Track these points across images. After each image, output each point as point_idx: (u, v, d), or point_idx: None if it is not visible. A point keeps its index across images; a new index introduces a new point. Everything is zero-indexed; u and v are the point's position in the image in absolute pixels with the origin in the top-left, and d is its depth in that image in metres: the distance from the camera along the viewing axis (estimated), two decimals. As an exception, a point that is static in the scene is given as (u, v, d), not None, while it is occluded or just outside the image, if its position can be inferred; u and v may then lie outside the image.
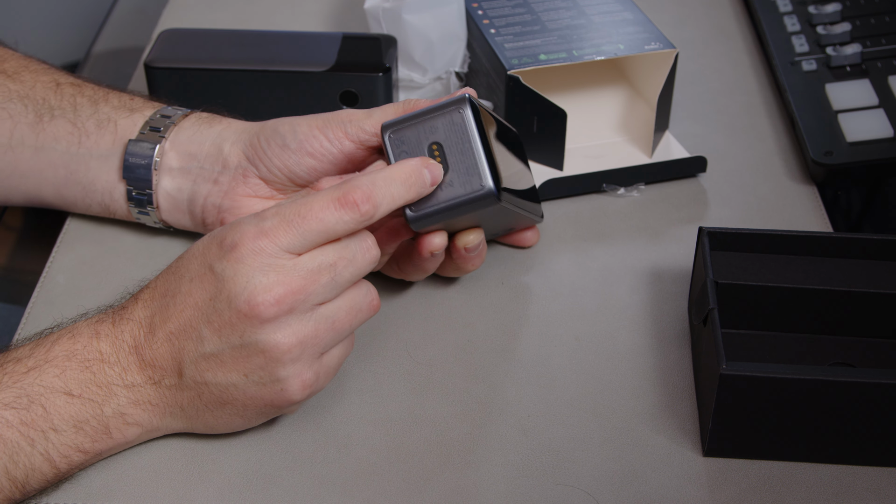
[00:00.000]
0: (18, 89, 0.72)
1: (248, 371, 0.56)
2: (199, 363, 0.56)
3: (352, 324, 0.58)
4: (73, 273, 0.72)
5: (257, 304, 0.54)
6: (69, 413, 0.56)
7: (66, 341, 0.57)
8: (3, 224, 0.80)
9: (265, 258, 0.55)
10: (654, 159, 0.80)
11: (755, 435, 0.59)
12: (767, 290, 0.64)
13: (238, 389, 0.57)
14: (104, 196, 0.72)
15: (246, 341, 0.55)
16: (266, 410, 0.58)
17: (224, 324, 0.55)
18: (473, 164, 0.61)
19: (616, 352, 0.66)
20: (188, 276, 0.57)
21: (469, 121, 0.61)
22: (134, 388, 0.57)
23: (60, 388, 0.56)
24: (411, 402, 0.63)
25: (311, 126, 0.66)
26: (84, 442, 0.56)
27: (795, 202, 0.78)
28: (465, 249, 0.66)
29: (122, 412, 0.57)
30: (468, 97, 0.62)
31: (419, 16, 0.83)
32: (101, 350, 0.57)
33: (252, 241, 0.55)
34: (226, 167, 0.68)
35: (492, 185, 0.61)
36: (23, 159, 0.71)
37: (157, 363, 0.57)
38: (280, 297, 0.55)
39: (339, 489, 0.58)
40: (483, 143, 0.61)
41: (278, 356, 0.56)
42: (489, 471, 0.59)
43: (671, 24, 0.98)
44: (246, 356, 0.56)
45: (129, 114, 0.71)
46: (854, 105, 0.81)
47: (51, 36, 1.34)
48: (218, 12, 1.00)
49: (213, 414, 0.58)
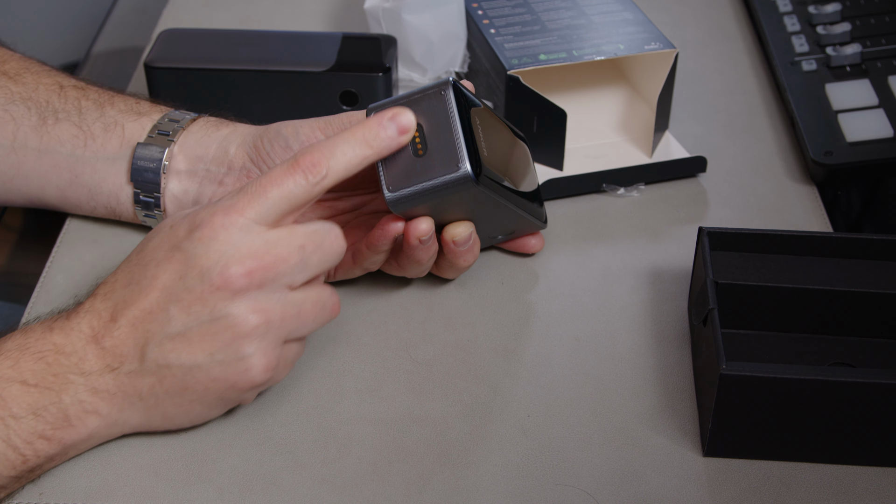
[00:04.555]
0: (21, 91, 0.72)
1: (213, 349, 0.57)
2: (165, 344, 0.57)
3: (315, 319, 0.59)
4: (73, 273, 0.72)
5: (230, 276, 0.56)
6: (26, 401, 0.56)
7: (19, 336, 0.58)
8: (3, 224, 0.80)
9: (235, 232, 0.56)
10: (654, 159, 0.80)
11: (755, 435, 0.59)
12: (767, 290, 0.64)
13: (201, 370, 0.57)
14: (110, 199, 0.72)
15: (216, 315, 0.56)
16: (226, 395, 0.59)
17: (194, 299, 0.56)
18: (452, 146, 0.60)
19: (616, 352, 0.66)
20: (154, 262, 0.58)
21: (450, 102, 0.61)
22: (91, 375, 0.57)
23: (15, 378, 0.56)
24: (411, 402, 0.63)
25: (313, 128, 0.66)
26: (45, 429, 0.56)
27: (795, 202, 0.78)
28: (454, 242, 0.66)
29: (80, 399, 0.57)
30: (452, 80, 0.62)
31: (419, 16, 0.83)
32: (55, 342, 0.57)
33: (222, 217, 0.56)
34: (231, 169, 0.69)
35: (468, 168, 0.60)
36: (26, 161, 0.71)
37: (117, 350, 0.57)
38: (252, 269, 0.56)
39: (339, 489, 0.58)
40: (464, 126, 0.61)
41: (246, 331, 0.56)
42: (489, 471, 0.59)
43: (671, 24, 0.98)
44: (213, 333, 0.56)
45: (136, 117, 0.71)
46: (854, 105, 0.81)
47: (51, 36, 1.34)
48: (218, 12, 1.00)
49: (173, 401, 0.58)
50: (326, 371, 0.65)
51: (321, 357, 0.66)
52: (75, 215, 0.75)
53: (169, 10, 1.00)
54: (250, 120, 0.72)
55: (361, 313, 0.69)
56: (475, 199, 0.63)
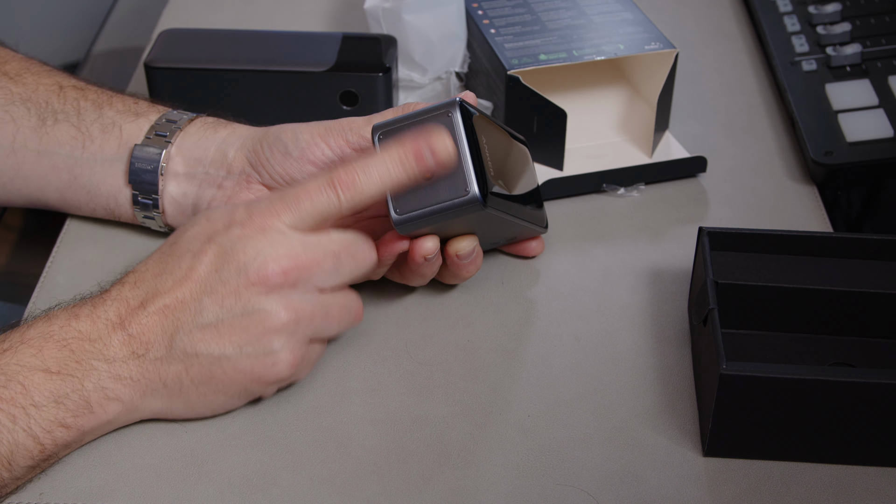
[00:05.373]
0: (21, 92, 0.72)
1: (243, 342, 0.58)
2: (194, 333, 0.58)
3: (340, 322, 0.61)
4: (74, 273, 0.72)
5: (267, 272, 0.57)
6: (49, 389, 0.56)
7: (42, 324, 0.58)
8: (4, 224, 0.80)
9: (272, 234, 0.58)
10: (654, 159, 0.80)
11: (755, 435, 0.59)
12: (767, 290, 0.64)
13: (230, 362, 0.58)
14: (109, 200, 0.72)
15: (249, 309, 0.58)
16: (250, 388, 0.60)
17: (229, 292, 0.58)
18: (460, 169, 0.61)
19: (616, 352, 0.66)
20: (189, 254, 0.59)
21: (458, 124, 0.61)
22: (115, 362, 0.58)
23: (38, 366, 0.57)
24: (411, 402, 0.63)
25: (312, 134, 0.66)
26: (66, 417, 0.57)
27: (795, 202, 0.78)
28: (458, 256, 0.66)
29: (102, 386, 0.58)
30: (459, 101, 0.62)
31: (419, 16, 0.83)
32: (80, 329, 0.58)
33: (260, 218, 0.59)
34: (230, 172, 0.69)
35: (476, 192, 0.61)
36: (26, 163, 0.71)
37: (143, 336, 0.58)
38: (287, 268, 0.58)
39: (339, 489, 0.58)
40: (471, 148, 0.61)
41: (277, 326, 0.58)
42: (489, 471, 0.59)
43: (671, 24, 0.98)
44: (244, 326, 0.58)
45: (133, 118, 0.71)
46: (854, 105, 0.81)
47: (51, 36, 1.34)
48: (218, 12, 1.00)
49: (197, 390, 0.59)
50: (326, 371, 0.65)
51: (322, 357, 0.66)
52: (75, 215, 0.75)
53: (169, 10, 1.00)
54: (249, 120, 0.72)
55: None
56: (481, 218, 0.63)
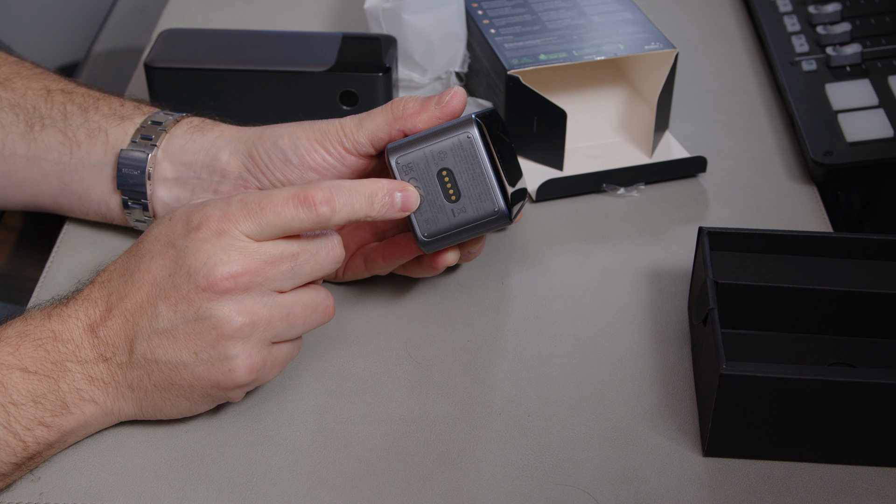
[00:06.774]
0: (9, 97, 0.71)
1: (198, 349, 0.57)
2: (152, 339, 0.58)
3: (306, 321, 0.60)
4: (73, 274, 0.72)
5: (215, 278, 0.56)
6: (26, 388, 0.57)
7: (19, 323, 0.59)
8: (3, 225, 0.80)
9: (227, 239, 0.57)
10: (654, 159, 0.80)
11: (755, 435, 0.59)
12: (767, 290, 0.64)
13: (187, 368, 0.58)
14: (100, 205, 0.72)
15: (201, 315, 0.57)
16: (212, 393, 0.59)
17: (181, 298, 0.57)
18: (485, 189, 0.62)
19: (616, 352, 0.66)
20: (148, 255, 0.59)
21: (478, 144, 0.62)
22: (87, 364, 0.58)
23: (15, 365, 0.57)
24: (411, 402, 0.63)
25: (310, 140, 0.66)
26: (44, 416, 0.57)
27: (795, 202, 0.78)
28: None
29: (77, 388, 0.58)
30: (475, 118, 0.62)
31: (419, 16, 0.83)
32: (53, 329, 0.58)
33: (216, 223, 0.57)
34: (225, 177, 0.68)
35: (504, 208, 0.62)
36: (17, 169, 0.71)
37: (109, 340, 0.58)
38: (236, 273, 0.57)
39: (338, 489, 0.58)
40: (492, 165, 0.62)
41: (230, 332, 0.57)
42: (489, 471, 0.59)
43: (671, 24, 0.98)
44: (198, 332, 0.57)
45: (119, 122, 0.70)
46: (854, 105, 0.81)
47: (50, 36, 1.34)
48: (218, 12, 1.00)
49: (162, 395, 0.59)
50: (326, 371, 0.65)
51: (321, 357, 0.66)
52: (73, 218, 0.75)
53: (169, 10, 1.00)
54: (250, 120, 0.72)
55: (361, 313, 0.69)
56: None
